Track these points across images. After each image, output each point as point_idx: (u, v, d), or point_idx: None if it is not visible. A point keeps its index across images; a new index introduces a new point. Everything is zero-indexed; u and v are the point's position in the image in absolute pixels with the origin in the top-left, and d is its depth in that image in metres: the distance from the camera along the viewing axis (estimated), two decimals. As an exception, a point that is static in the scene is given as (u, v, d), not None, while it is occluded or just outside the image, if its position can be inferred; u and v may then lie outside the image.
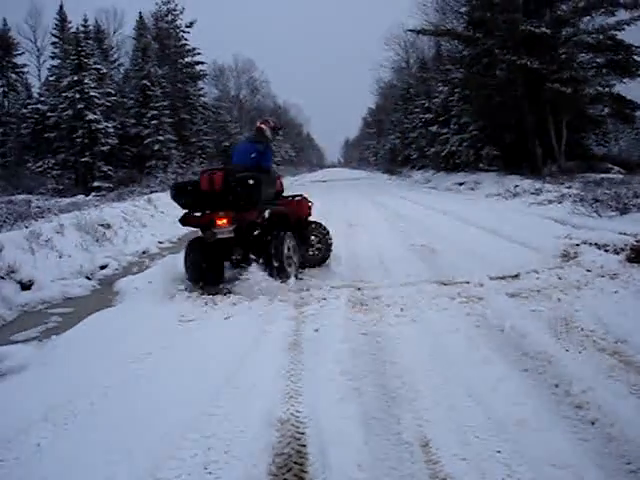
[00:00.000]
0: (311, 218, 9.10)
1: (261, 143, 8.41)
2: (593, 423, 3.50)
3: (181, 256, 8.17)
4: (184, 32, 42.92)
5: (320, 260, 8.92)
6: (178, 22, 42.72)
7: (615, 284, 6.55)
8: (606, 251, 8.33)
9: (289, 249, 7.75)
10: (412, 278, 7.48)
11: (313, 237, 8.88)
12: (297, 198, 8.93)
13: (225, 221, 7.36)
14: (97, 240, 11.45)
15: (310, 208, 9.03)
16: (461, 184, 27.18)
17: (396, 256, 9.23)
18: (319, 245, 8.93)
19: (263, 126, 8.59)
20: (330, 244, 9.00)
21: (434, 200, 20.50)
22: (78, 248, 10.51)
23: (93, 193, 26.92)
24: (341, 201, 22.31)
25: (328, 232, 9.00)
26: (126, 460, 3.37)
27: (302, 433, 3.65)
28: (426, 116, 39.27)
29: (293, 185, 35.41)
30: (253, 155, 8.21)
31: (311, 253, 8.86)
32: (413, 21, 64.90)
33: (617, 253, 8.08)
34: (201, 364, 4.87)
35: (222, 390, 4.31)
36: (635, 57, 24.44)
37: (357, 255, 9.63)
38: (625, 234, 9.20)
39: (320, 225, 9.06)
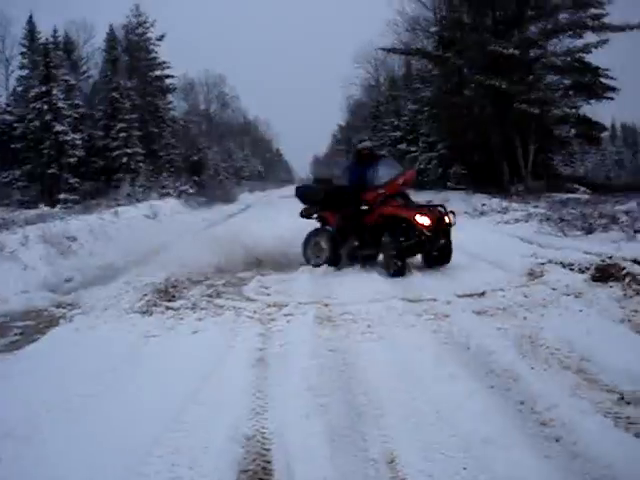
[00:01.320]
0: None
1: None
2: (558, 440, 3.52)
3: (148, 270, 8.28)
4: (154, 45, 42.66)
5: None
6: (148, 35, 42.48)
7: (580, 303, 6.61)
8: (571, 270, 8.41)
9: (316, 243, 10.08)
10: (380, 295, 7.48)
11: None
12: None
13: None
14: (62, 253, 11.27)
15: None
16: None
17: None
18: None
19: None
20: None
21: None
22: (43, 261, 10.34)
23: (59, 205, 26.55)
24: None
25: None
26: (88, 477, 3.31)
27: (268, 449, 3.63)
28: (395, 134, 39.43)
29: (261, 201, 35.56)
30: None
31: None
32: (384, 40, 65.06)
33: (582, 272, 8.16)
34: (166, 380, 4.81)
35: (187, 406, 4.26)
36: (602, 79, 24.93)
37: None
38: (590, 253, 9.33)
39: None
